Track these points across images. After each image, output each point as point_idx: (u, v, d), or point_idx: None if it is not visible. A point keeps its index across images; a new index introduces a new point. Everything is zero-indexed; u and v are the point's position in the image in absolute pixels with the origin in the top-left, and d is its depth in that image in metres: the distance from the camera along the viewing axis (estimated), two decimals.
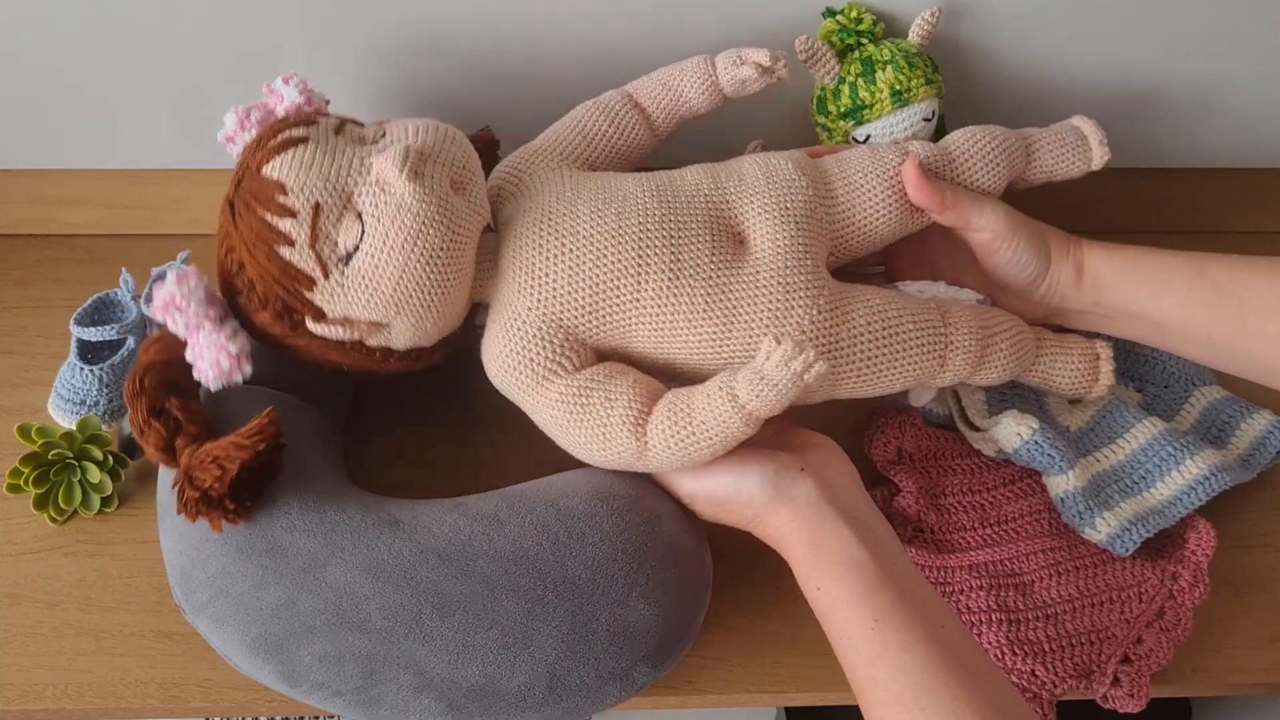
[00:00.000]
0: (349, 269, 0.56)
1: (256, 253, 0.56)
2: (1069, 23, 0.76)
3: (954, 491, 0.71)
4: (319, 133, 0.58)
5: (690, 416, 0.57)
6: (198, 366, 0.58)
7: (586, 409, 0.58)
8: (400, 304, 0.57)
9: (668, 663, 0.60)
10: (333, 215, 0.56)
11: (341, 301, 0.57)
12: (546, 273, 0.59)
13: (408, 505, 0.61)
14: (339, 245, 0.56)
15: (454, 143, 0.59)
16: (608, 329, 0.60)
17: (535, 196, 0.62)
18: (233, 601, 0.58)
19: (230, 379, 0.58)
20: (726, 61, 0.68)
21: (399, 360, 0.61)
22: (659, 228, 0.60)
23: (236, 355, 0.58)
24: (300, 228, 0.55)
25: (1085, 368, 0.69)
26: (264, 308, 0.58)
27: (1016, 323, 0.67)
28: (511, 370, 0.60)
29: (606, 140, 0.68)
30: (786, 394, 0.54)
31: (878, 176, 0.65)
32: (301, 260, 0.56)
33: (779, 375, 0.54)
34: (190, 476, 0.56)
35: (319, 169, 0.56)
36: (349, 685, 0.57)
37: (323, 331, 0.58)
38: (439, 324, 0.60)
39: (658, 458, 0.58)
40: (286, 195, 0.55)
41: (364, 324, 0.58)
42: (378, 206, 0.56)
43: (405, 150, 0.55)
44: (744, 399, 0.55)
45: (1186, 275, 0.64)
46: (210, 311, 0.58)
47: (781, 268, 0.60)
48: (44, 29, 0.73)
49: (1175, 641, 0.65)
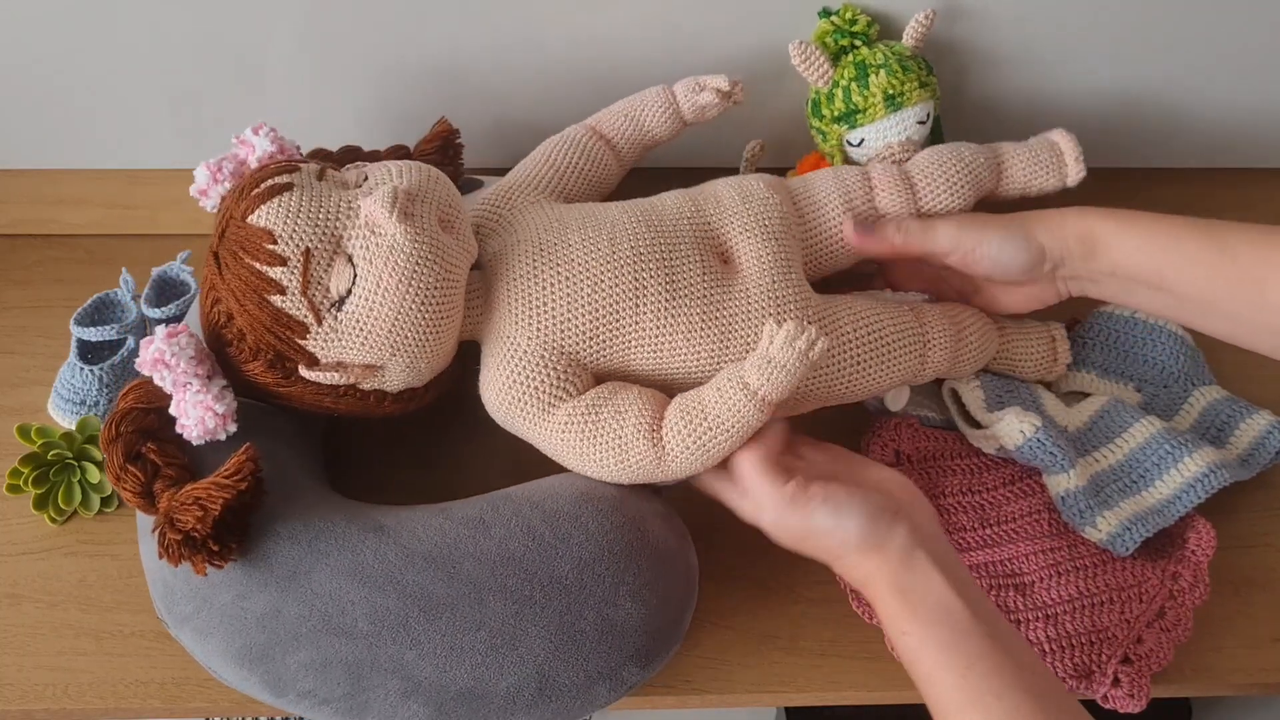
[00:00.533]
0: (342, 314, 0.56)
1: (246, 302, 0.56)
2: (1065, 23, 0.76)
3: (953, 492, 0.71)
4: (302, 179, 0.57)
5: (704, 413, 0.58)
6: (182, 423, 0.57)
7: (598, 426, 0.59)
8: (395, 346, 0.57)
9: (656, 662, 0.60)
10: (324, 260, 0.55)
11: (335, 346, 0.57)
12: (545, 302, 0.60)
13: (392, 511, 0.61)
14: (331, 290, 0.56)
15: (438, 182, 0.59)
16: (608, 352, 0.61)
17: (521, 230, 0.63)
18: (217, 612, 0.58)
19: (214, 437, 0.58)
20: (685, 89, 0.70)
21: (392, 403, 0.61)
22: (651, 251, 0.61)
23: (223, 415, 0.57)
24: (292, 275, 0.55)
25: (1044, 348, 0.74)
26: (255, 358, 0.57)
27: (978, 315, 0.70)
28: (516, 402, 0.60)
29: (578, 171, 0.69)
30: (795, 374, 0.56)
31: (840, 198, 0.67)
32: (294, 308, 0.55)
33: (785, 356, 0.56)
34: (171, 519, 0.55)
35: (307, 214, 0.55)
36: (336, 692, 0.57)
37: (316, 377, 0.58)
38: (432, 363, 0.60)
39: (676, 461, 0.59)
40: (276, 243, 0.55)
41: (358, 368, 0.58)
42: (369, 249, 0.55)
43: (393, 191, 0.55)
44: (755, 385, 0.57)
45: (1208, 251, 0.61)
46: (199, 369, 0.57)
47: (770, 283, 0.62)
48: (45, 30, 0.73)
49: (1175, 641, 0.65)
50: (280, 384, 0.59)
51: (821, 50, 0.72)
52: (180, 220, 0.85)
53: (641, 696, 0.65)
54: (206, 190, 0.61)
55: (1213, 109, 0.83)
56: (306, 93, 0.79)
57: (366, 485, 0.67)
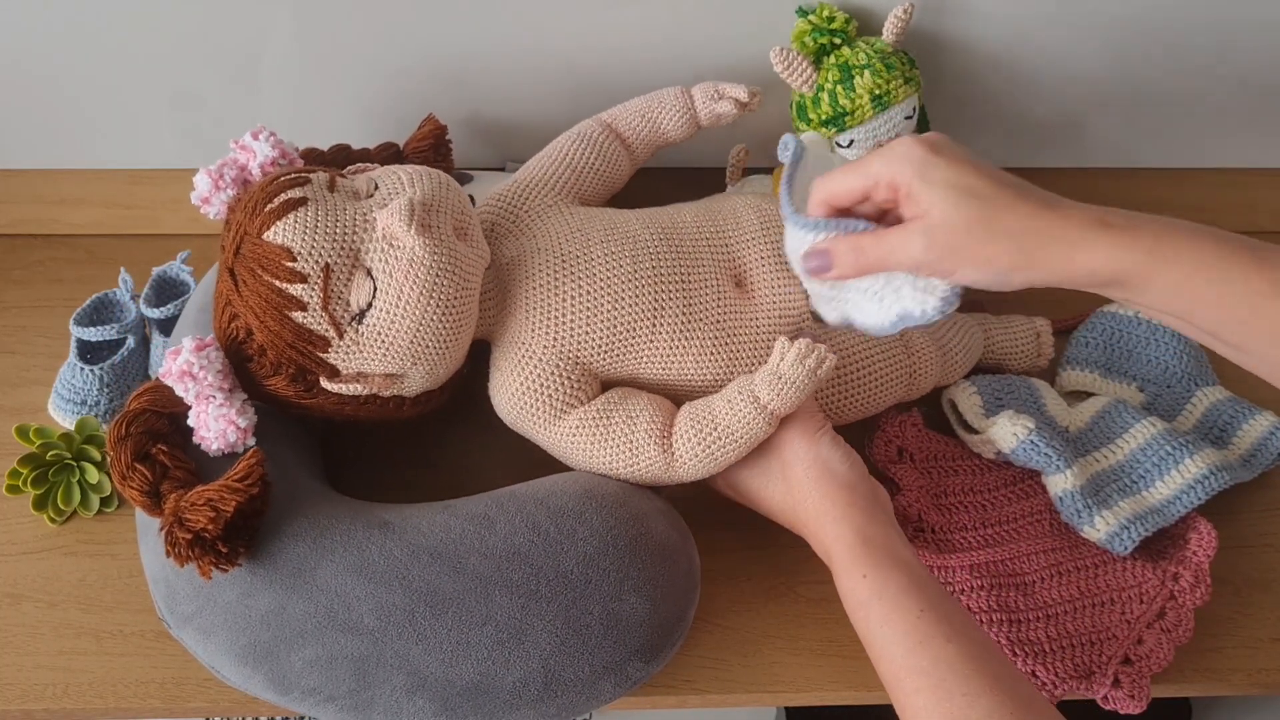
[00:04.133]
0: (363, 326, 0.56)
1: (267, 319, 0.56)
2: (1052, 16, 0.76)
3: (956, 492, 0.71)
4: (315, 191, 0.57)
5: (714, 423, 0.60)
6: (201, 434, 0.58)
7: (609, 429, 0.61)
8: (416, 355, 0.58)
9: (660, 658, 0.61)
10: (343, 275, 0.56)
11: (357, 358, 0.57)
12: (564, 313, 0.61)
13: (396, 508, 0.61)
14: (351, 304, 0.56)
15: (449, 189, 0.59)
16: (621, 364, 0.62)
17: (542, 236, 0.64)
18: (220, 610, 0.58)
19: (233, 450, 0.58)
20: (704, 95, 0.70)
21: (411, 407, 0.62)
22: (671, 272, 0.63)
23: (244, 429, 0.58)
24: (312, 291, 0.55)
25: (1029, 342, 0.76)
26: (276, 373, 0.58)
27: (961, 321, 0.72)
28: (529, 406, 0.61)
29: (594, 171, 0.69)
30: (804, 390, 0.59)
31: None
32: (315, 323, 0.56)
33: (795, 373, 0.58)
34: (181, 519, 0.55)
35: (324, 230, 0.55)
36: (341, 689, 0.57)
37: (338, 389, 0.59)
38: (450, 368, 0.61)
39: (684, 466, 0.61)
40: (295, 260, 0.55)
41: (379, 377, 0.59)
42: (388, 262, 0.56)
43: (410, 204, 0.55)
44: (765, 399, 0.59)
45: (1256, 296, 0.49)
46: (224, 383, 0.57)
47: (778, 314, 0.64)
48: (45, 30, 0.73)
49: (1176, 642, 0.65)
50: (302, 396, 0.59)
51: (803, 55, 0.71)
52: (180, 220, 0.85)
53: (642, 696, 0.65)
54: (209, 198, 0.61)
55: (1214, 105, 0.83)
56: (306, 92, 0.79)
57: (370, 484, 0.67)
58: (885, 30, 0.72)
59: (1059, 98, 0.82)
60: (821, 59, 0.72)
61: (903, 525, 0.69)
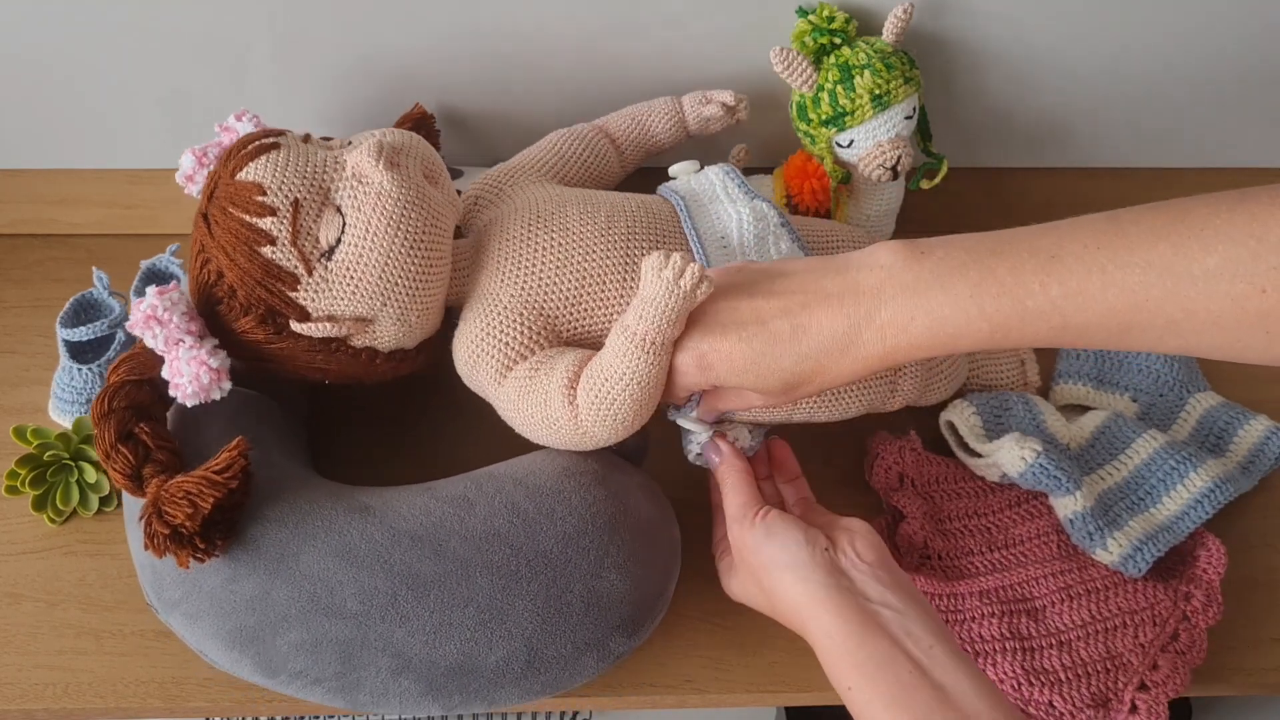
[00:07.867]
0: (332, 263, 0.56)
1: (237, 255, 0.56)
2: (1052, 16, 0.76)
3: (959, 515, 0.70)
4: (288, 140, 0.58)
5: (600, 364, 0.56)
6: (175, 383, 0.57)
7: (534, 383, 0.58)
8: (386, 294, 0.57)
9: (641, 632, 0.61)
10: (312, 211, 0.56)
11: (326, 297, 0.57)
12: (534, 263, 0.60)
13: (376, 492, 0.62)
14: (320, 240, 0.56)
15: (420, 143, 0.60)
16: (585, 320, 0.61)
17: (520, 201, 0.64)
18: (206, 596, 0.58)
19: (209, 396, 0.58)
20: (693, 101, 0.73)
21: (384, 361, 0.61)
22: (645, 232, 0.62)
23: (217, 370, 0.57)
24: (281, 225, 0.55)
25: (1014, 371, 0.75)
26: (246, 313, 0.58)
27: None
28: (484, 355, 0.60)
29: (582, 162, 0.70)
30: (669, 307, 0.53)
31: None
32: (284, 258, 0.56)
33: (654, 289, 0.53)
34: (159, 511, 0.55)
35: (295, 168, 0.56)
36: (328, 671, 0.57)
37: (308, 330, 0.58)
38: (422, 318, 0.60)
39: (586, 418, 0.57)
40: (265, 194, 0.55)
41: (349, 320, 0.58)
42: (357, 198, 0.56)
43: (379, 144, 0.56)
44: (633, 325, 0.54)
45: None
46: (191, 326, 0.57)
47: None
48: (44, 30, 0.73)
49: (1190, 665, 0.64)
50: (272, 340, 0.58)
51: (803, 54, 0.71)
52: (180, 220, 0.84)
53: (642, 696, 0.65)
54: (193, 176, 0.62)
55: (1210, 104, 0.83)
56: (307, 92, 0.79)
57: (350, 467, 0.67)
58: (885, 30, 0.72)
59: (1059, 98, 0.82)
60: (821, 59, 0.72)
61: (908, 554, 0.68)
